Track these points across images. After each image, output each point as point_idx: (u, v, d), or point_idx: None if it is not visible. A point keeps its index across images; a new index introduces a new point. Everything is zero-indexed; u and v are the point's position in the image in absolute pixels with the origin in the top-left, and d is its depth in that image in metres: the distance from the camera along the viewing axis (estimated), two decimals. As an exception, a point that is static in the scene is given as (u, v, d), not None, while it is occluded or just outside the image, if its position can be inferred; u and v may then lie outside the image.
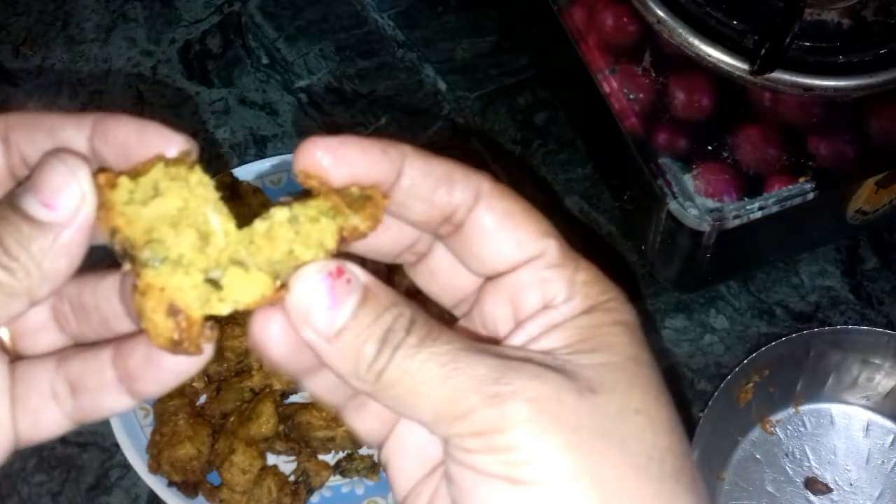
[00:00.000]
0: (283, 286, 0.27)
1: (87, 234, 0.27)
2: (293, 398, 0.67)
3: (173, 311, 0.27)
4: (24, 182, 0.27)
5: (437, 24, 0.83)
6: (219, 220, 0.28)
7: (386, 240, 0.30)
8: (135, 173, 0.28)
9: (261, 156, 0.77)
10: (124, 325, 0.30)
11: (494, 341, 0.29)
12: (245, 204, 0.69)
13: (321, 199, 0.28)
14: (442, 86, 0.81)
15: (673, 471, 0.26)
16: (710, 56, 0.61)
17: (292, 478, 0.64)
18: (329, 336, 0.26)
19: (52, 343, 0.31)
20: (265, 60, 0.82)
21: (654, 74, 0.62)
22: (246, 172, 0.72)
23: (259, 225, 0.28)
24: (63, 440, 0.68)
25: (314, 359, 0.28)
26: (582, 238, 0.75)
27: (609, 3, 0.64)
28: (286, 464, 0.65)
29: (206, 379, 0.65)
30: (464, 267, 0.30)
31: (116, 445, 0.64)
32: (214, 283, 0.28)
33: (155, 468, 0.62)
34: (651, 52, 0.63)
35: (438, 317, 0.28)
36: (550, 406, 0.25)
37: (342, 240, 0.28)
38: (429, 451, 0.30)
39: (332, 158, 0.28)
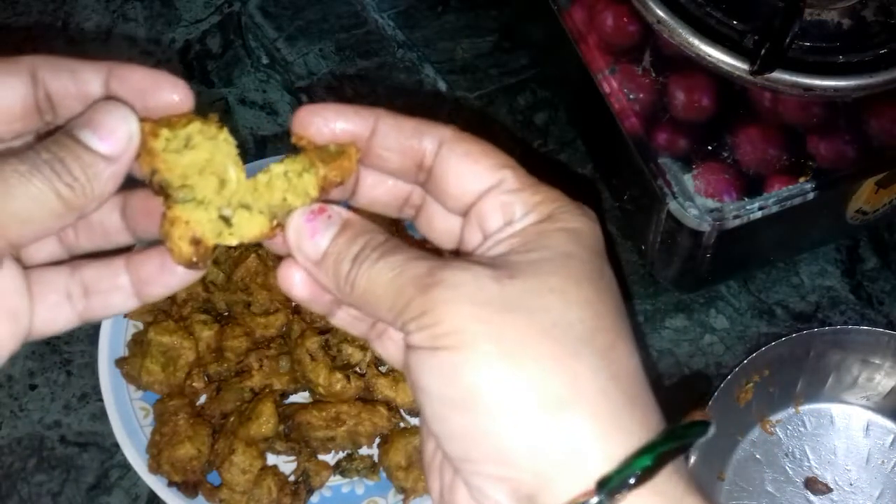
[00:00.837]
0: (279, 226, 0.35)
1: (129, 167, 0.33)
2: (293, 398, 0.67)
3: (194, 241, 0.34)
4: (80, 118, 0.32)
5: (437, 24, 0.83)
6: (234, 171, 0.36)
7: (382, 193, 0.36)
8: (171, 125, 0.34)
9: (261, 156, 0.77)
10: (124, 237, 0.37)
11: None
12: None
13: (304, 155, 0.35)
14: (442, 86, 0.81)
15: (580, 336, 0.29)
16: (710, 56, 0.61)
17: (292, 478, 0.64)
18: (315, 259, 0.33)
19: (50, 254, 0.36)
20: (265, 60, 0.82)
21: (654, 74, 0.62)
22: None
23: (261, 177, 0.35)
24: (63, 440, 0.68)
25: (332, 297, 0.35)
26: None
27: (609, 3, 0.64)
28: (286, 464, 0.65)
29: (206, 379, 0.65)
30: (443, 209, 0.35)
31: (116, 445, 0.64)
32: (226, 220, 0.34)
33: (155, 468, 0.62)
34: (651, 52, 0.63)
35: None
36: (467, 288, 0.30)
37: (323, 189, 0.35)
38: None
39: (315, 119, 0.34)
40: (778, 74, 0.60)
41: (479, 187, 0.33)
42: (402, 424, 0.66)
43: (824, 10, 0.63)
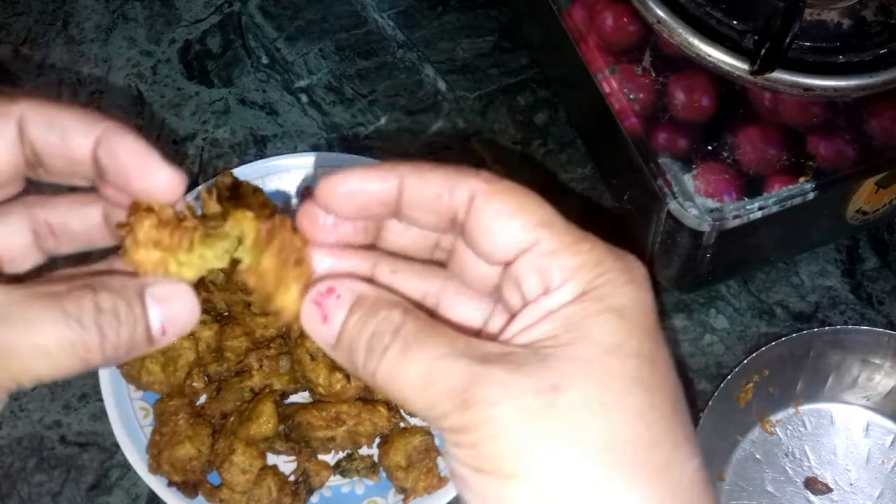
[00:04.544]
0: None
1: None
2: (293, 398, 0.67)
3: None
4: (153, 286, 0.31)
5: (437, 24, 0.83)
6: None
7: (408, 241, 0.34)
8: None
9: (261, 156, 0.77)
10: (106, 241, 0.34)
11: (492, 335, 0.32)
12: (245, 204, 0.69)
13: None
14: (442, 86, 0.81)
15: (633, 459, 0.27)
16: (710, 56, 0.61)
17: (292, 478, 0.64)
18: (331, 344, 0.31)
19: (33, 263, 0.34)
20: (265, 60, 0.82)
21: (654, 74, 0.62)
22: (246, 172, 0.72)
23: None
24: (63, 440, 0.68)
25: None
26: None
27: (609, 3, 0.64)
28: (286, 464, 0.65)
29: (206, 379, 0.65)
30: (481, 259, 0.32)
31: (116, 445, 0.64)
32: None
33: (155, 468, 0.62)
34: (651, 52, 0.63)
35: None
36: (509, 409, 0.27)
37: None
38: None
39: (338, 195, 0.32)
40: (778, 74, 0.60)
41: (513, 249, 0.30)
42: (402, 424, 0.66)
43: (824, 10, 0.63)
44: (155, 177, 0.31)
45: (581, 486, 0.27)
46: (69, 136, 0.30)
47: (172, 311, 0.31)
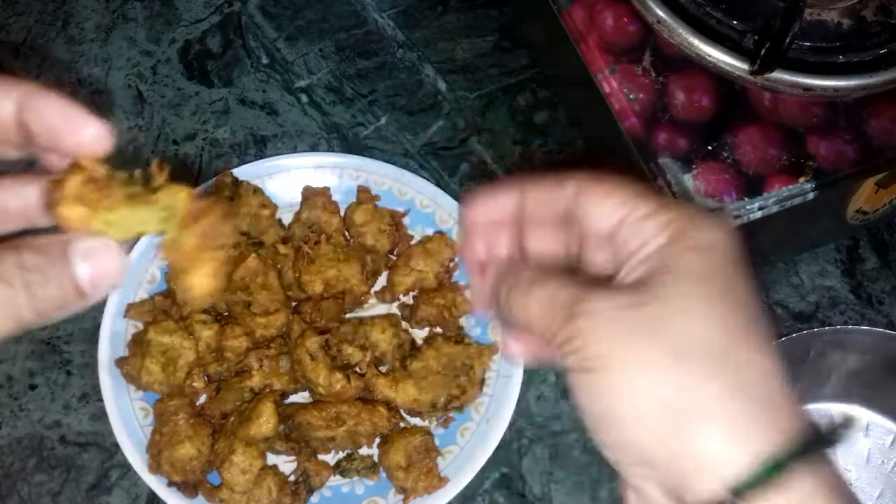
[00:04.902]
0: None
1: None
2: (293, 398, 0.67)
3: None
4: (80, 243, 0.32)
5: (437, 24, 0.83)
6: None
7: (544, 248, 0.40)
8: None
9: (261, 156, 0.77)
10: (45, 221, 0.35)
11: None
12: (245, 204, 0.69)
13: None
14: (442, 86, 0.81)
15: (710, 355, 0.32)
16: (710, 56, 0.61)
17: (292, 478, 0.64)
18: (488, 291, 0.40)
19: None
20: (265, 60, 0.82)
21: (654, 74, 0.62)
22: (246, 172, 0.72)
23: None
24: (63, 440, 0.68)
25: None
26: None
27: (609, 3, 0.64)
28: (286, 464, 0.65)
29: (206, 379, 0.65)
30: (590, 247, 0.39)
31: (116, 445, 0.64)
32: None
33: (155, 468, 0.62)
34: (651, 52, 0.63)
35: None
36: (605, 316, 0.33)
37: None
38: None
39: (484, 213, 0.41)
40: (778, 74, 0.60)
41: (614, 219, 0.36)
42: (402, 424, 0.66)
43: (824, 10, 0.63)
44: (83, 131, 0.32)
45: (661, 377, 0.32)
46: None
47: (99, 265, 0.32)
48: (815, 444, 0.32)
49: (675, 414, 0.31)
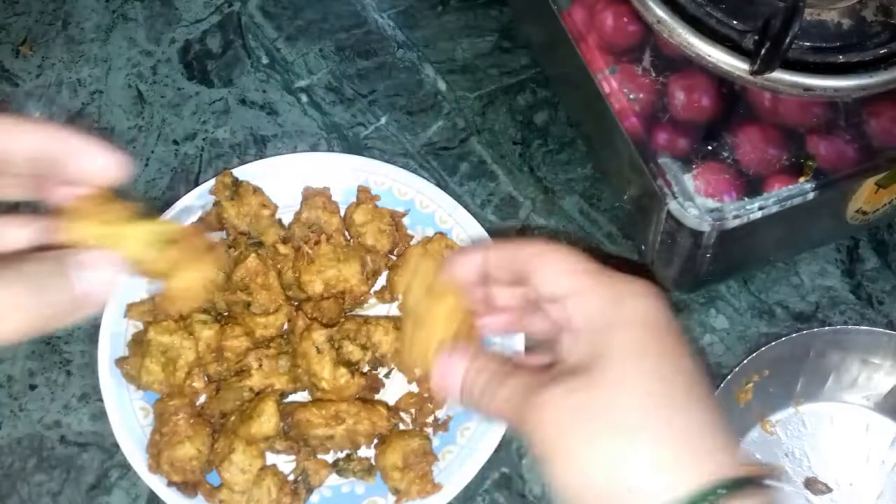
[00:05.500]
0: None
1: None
2: (292, 397, 0.67)
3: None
4: (79, 256, 0.35)
5: (437, 24, 0.83)
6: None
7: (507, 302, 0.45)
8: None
9: (261, 156, 0.77)
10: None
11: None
12: (245, 203, 0.69)
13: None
14: (442, 86, 0.81)
15: (642, 425, 0.36)
16: (710, 56, 0.61)
17: (291, 477, 0.64)
18: (455, 392, 0.43)
19: None
20: (265, 60, 0.82)
21: (654, 74, 0.62)
22: (246, 172, 0.72)
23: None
24: (63, 440, 0.68)
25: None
26: (583, 242, 0.75)
27: (609, 3, 0.64)
28: (286, 463, 0.65)
29: (206, 379, 0.65)
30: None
31: (116, 445, 0.64)
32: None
33: (155, 468, 0.62)
34: (651, 52, 0.63)
35: None
36: (554, 405, 0.38)
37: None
38: None
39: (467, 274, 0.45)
40: (778, 74, 0.60)
41: (561, 288, 0.41)
42: (400, 426, 0.66)
43: (824, 10, 0.63)
44: (100, 165, 0.36)
45: (601, 451, 0.36)
46: (8, 139, 0.35)
47: (97, 274, 0.35)
48: (741, 483, 0.35)
49: (614, 478, 0.36)
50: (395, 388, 0.68)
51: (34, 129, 0.35)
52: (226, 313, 0.68)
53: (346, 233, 0.71)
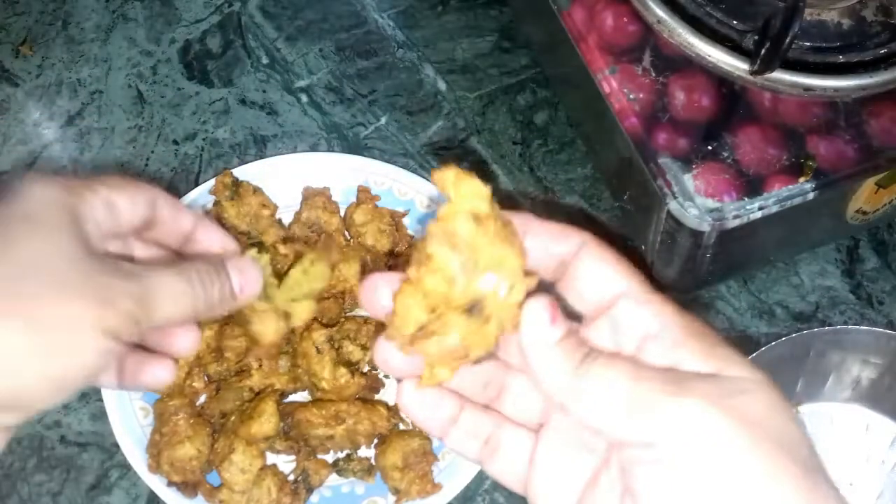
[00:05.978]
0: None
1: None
2: (292, 397, 0.67)
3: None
4: (230, 263, 0.44)
5: (437, 24, 0.83)
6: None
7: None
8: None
9: (261, 156, 0.77)
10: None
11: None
12: (245, 203, 0.69)
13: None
14: (442, 86, 0.81)
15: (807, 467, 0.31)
16: (710, 56, 0.61)
17: (291, 477, 0.64)
18: (553, 342, 0.33)
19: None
20: (265, 60, 0.82)
21: (654, 74, 0.62)
22: (246, 172, 0.72)
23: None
24: (63, 440, 0.68)
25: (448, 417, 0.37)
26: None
27: (609, 3, 0.64)
28: (286, 463, 0.65)
29: (206, 379, 0.65)
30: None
31: (116, 445, 0.64)
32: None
33: (155, 468, 0.62)
34: (651, 52, 0.63)
35: None
36: (718, 402, 0.31)
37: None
38: (577, 469, 0.35)
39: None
40: (778, 74, 0.60)
41: (610, 290, 0.34)
42: (400, 426, 0.66)
43: (824, 10, 0.63)
44: (210, 237, 0.46)
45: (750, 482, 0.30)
46: (181, 215, 0.45)
47: (245, 276, 0.44)
48: None
49: None
50: (395, 388, 0.68)
51: (191, 214, 0.45)
52: (226, 313, 0.68)
53: (346, 233, 0.71)
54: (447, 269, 0.32)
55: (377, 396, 0.67)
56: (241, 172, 0.71)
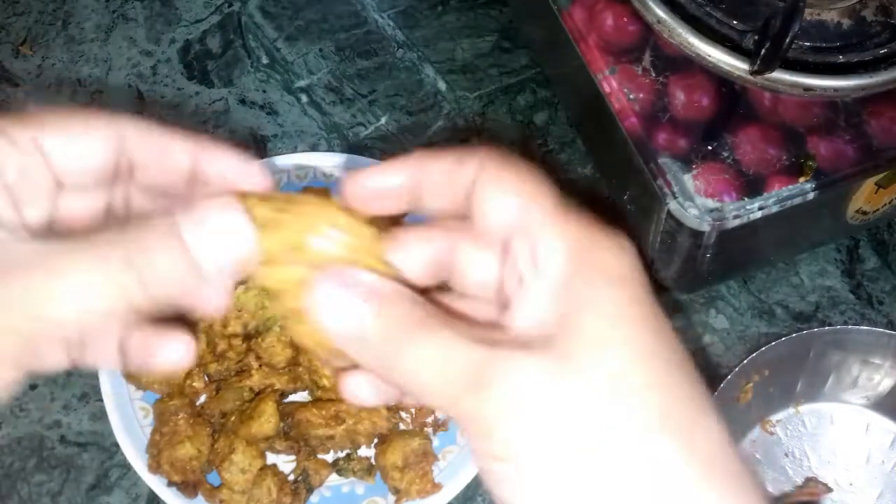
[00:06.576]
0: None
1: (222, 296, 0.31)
2: (292, 397, 0.67)
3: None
4: (189, 212, 0.29)
5: (437, 24, 0.83)
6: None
7: (414, 263, 0.32)
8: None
9: (261, 156, 0.77)
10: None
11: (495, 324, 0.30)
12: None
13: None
14: (442, 86, 0.81)
15: (652, 424, 0.26)
16: (710, 56, 0.61)
17: (291, 477, 0.64)
18: (357, 335, 0.29)
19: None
20: (265, 60, 0.82)
21: (654, 74, 0.62)
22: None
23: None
24: (63, 440, 0.68)
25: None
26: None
27: (609, 3, 0.64)
28: (286, 463, 0.65)
29: (206, 379, 0.65)
30: (479, 249, 0.31)
31: (116, 445, 0.64)
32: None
33: (155, 468, 0.62)
34: (651, 52, 0.63)
35: None
36: (519, 392, 0.26)
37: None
38: None
39: (365, 191, 0.32)
40: (778, 74, 0.60)
41: (507, 219, 0.29)
42: (400, 426, 0.66)
43: (824, 10, 0.63)
44: (253, 178, 0.33)
45: (582, 474, 0.26)
46: (170, 151, 0.32)
47: (216, 238, 0.28)
48: None
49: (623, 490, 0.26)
50: (395, 388, 0.68)
51: (181, 143, 0.32)
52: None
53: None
54: (271, 252, 0.30)
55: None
56: (241, 172, 0.71)
